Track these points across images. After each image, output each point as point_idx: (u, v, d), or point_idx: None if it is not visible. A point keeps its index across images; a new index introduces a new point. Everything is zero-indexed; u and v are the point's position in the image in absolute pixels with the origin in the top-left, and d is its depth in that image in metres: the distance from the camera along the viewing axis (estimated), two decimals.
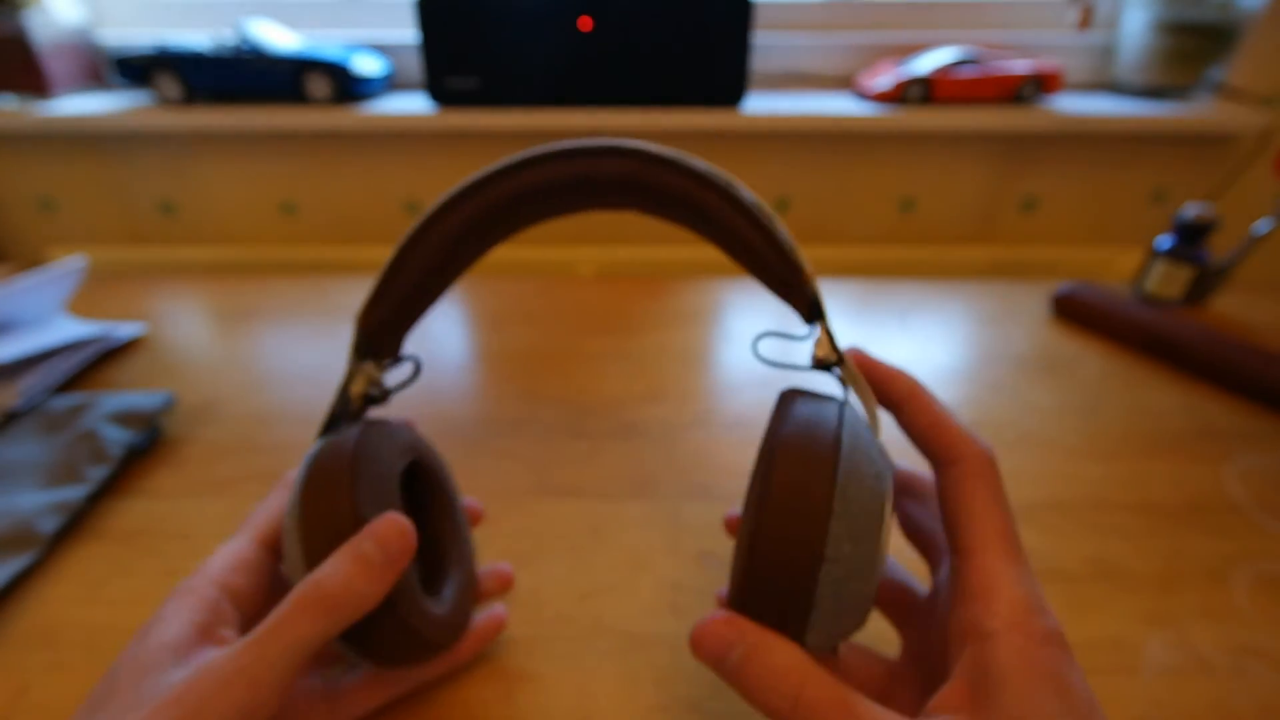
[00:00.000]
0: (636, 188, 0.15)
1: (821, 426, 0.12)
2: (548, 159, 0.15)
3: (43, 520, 0.22)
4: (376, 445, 0.15)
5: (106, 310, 0.37)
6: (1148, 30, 0.50)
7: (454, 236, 0.15)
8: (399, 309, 0.16)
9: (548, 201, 0.15)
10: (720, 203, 0.14)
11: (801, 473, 0.12)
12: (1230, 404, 0.30)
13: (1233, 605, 0.20)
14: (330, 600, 0.12)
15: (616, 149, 0.14)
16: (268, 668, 0.12)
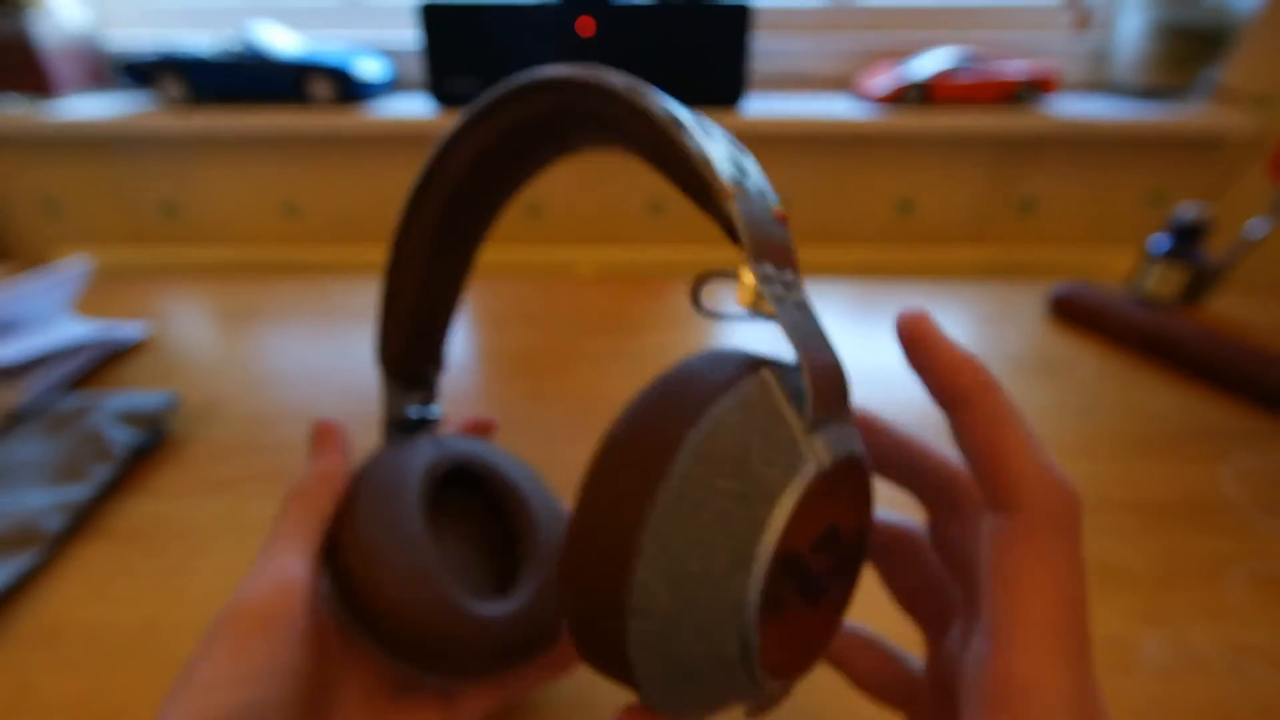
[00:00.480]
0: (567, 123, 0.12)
1: (670, 417, 0.09)
2: (468, 129, 0.13)
3: (47, 519, 0.22)
4: (383, 466, 0.14)
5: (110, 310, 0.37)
6: (1143, 32, 0.50)
7: (425, 248, 0.15)
8: (412, 334, 0.16)
9: (498, 174, 0.14)
10: (627, 114, 0.11)
11: (607, 491, 0.09)
12: (1226, 404, 0.30)
13: (1229, 604, 0.20)
14: (297, 489, 0.13)
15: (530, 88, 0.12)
16: (287, 556, 0.12)
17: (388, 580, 0.13)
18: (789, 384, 0.10)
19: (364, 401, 0.30)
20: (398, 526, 0.13)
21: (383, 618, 0.13)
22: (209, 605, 0.20)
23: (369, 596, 0.13)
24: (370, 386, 0.31)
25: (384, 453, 0.15)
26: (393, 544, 0.13)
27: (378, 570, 0.13)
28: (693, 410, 0.09)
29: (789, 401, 0.09)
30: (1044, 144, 0.54)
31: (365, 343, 0.35)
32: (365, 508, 0.13)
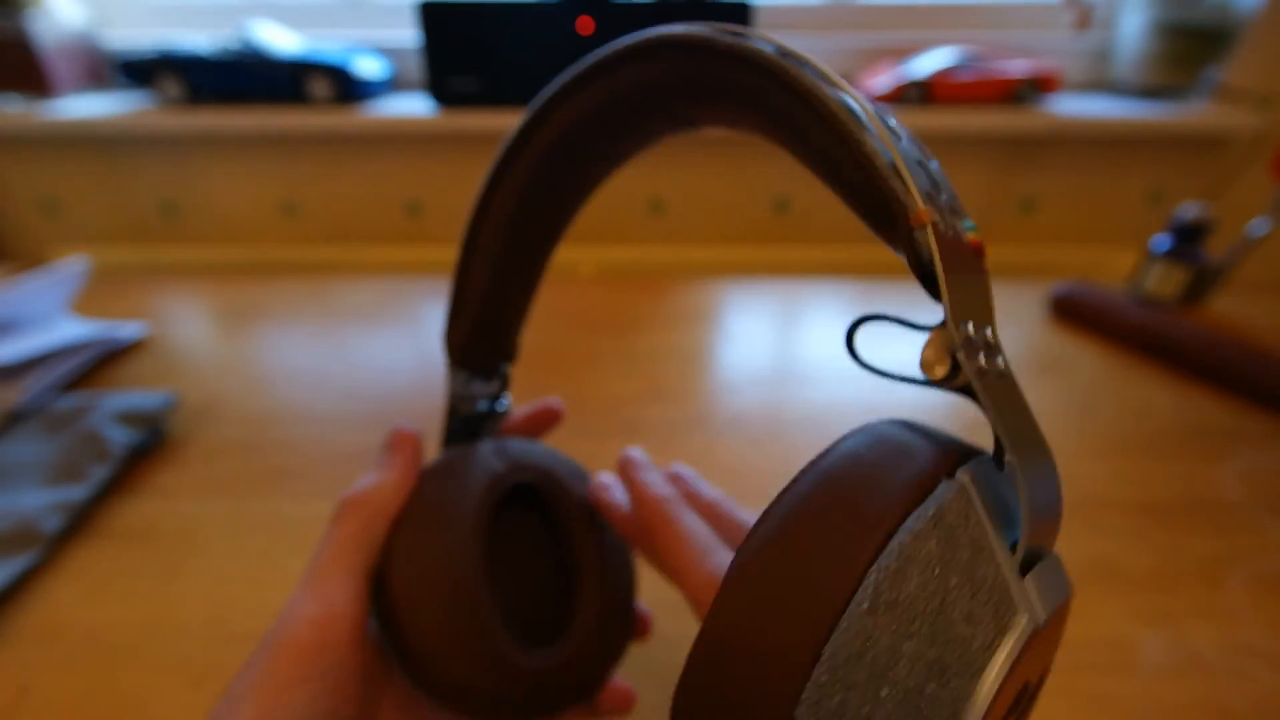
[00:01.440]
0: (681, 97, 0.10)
1: (844, 539, 0.07)
2: (565, 94, 0.11)
3: (46, 519, 0.22)
4: (441, 482, 0.13)
5: (109, 310, 0.37)
6: (1145, 31, 0.50)
7: (509, 215, 0.13)
8: (481, 316, 0.14)
9: (593, 150, 0.12)
10: (776, 93, 0.08)
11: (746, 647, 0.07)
12: (1227, 404, 0.30)
13: (1230, 605, 0.20)
14: (355, 498, 0.12)
15: (649, 47, 0.10)
16: (335, 586, 0.11)
17: (431, 623, 0.12)
18: (991, 492, 0.07)
19: (365, 402, 0.30)
20: (449, 561, 0.12)
21: (423, 660, 0.12)
22: (208, 605, 0.20)
23: (411, 636, 0.12)
24: (370, 387, 0.31)
25: (442, 464, 0.14)
26: (440, 581, 0.12)
27: (421, 610, 0.12)
28: (874, 530, 0.07)
29: (994, 523, 0.07)
30: (1045, 143, 0.54)
31: (365, 343, 0.35)
32: (416, 534, 0.12)
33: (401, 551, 0.12)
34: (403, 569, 0.12)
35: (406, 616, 0.12)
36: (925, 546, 0.07)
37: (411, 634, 0.12)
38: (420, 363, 0.33)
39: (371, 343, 0.35)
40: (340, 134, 0.54)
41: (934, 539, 0.07)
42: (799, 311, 0.39)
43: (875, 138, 0.08)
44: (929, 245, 0.07)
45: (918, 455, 0.08)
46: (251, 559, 0.22)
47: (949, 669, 0.06)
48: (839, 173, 0.09)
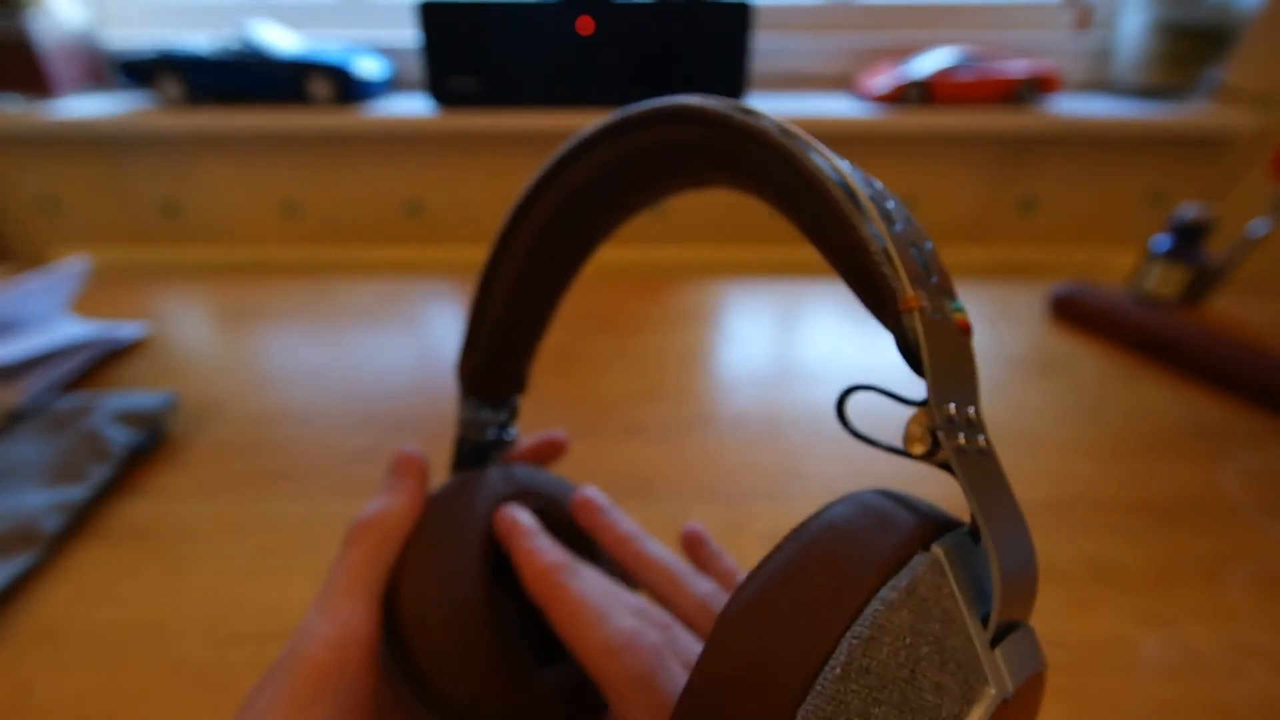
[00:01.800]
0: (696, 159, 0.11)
1: (819, 609, 0.07)
2: (596, 142, 0.12)
3: (46, 520, 0.22)
4: (449, 506, 0.14)
5: (109, 310, 0.37)
6: (1145, 31, 0.50)
7: (521, 263, 0.13)
8: (494, 347, 0.15)
9: (612, 198, 0.13)
10: (780, 169, 0.09)
11: (728, 704, 0.07)
12: (1227, 404, 0.30)
13: (1229, 604, 0.20)
14: (368, 522, 0.12)
15: (670, 113, 0.11)
16: (349, 608, 0.11)
17: (440, 642, 0.12)
18: (964, 565, 0.07)
19: (365, 402, 0.30)
20: (458, 581, 0.13)
21: (434, 680, 0.12)
22: (208, 606, 0.20)
23: (422, 656, 0.12)
24: (370, 387, 0.31)
25: (451, 488, 0.14)
26: (449, 601, 0.12)
27: (431, 630, 0.12)
28: (849, 599, 0.07)
29: (966, 595, 0.07)
30: (1045, 143, 0.54)
31: (365, 343, 0.35)
32: (426, 557, 0.13)
33: (412, 573, 0.12)
34: (413, 590, 0.12)
35: (417, 636, 0.12)
36: (898, 616, 0.07)
37: (422, 654, 0.12)
38: (420, 363, 0.33)
39: (371, 343, 0.35)
40: (340, 134, 0.54)
41: (906, 609, 0.07)
42: (799, 312, 0.39)
43: (870, 223, 0.08)
44: (915, 330, 0.08)
45: (895, 527, 0.08)
46: (251, 559, 0.22)
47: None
48: (837, 253, 0.09)
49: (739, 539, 0.23)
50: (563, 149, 0.12)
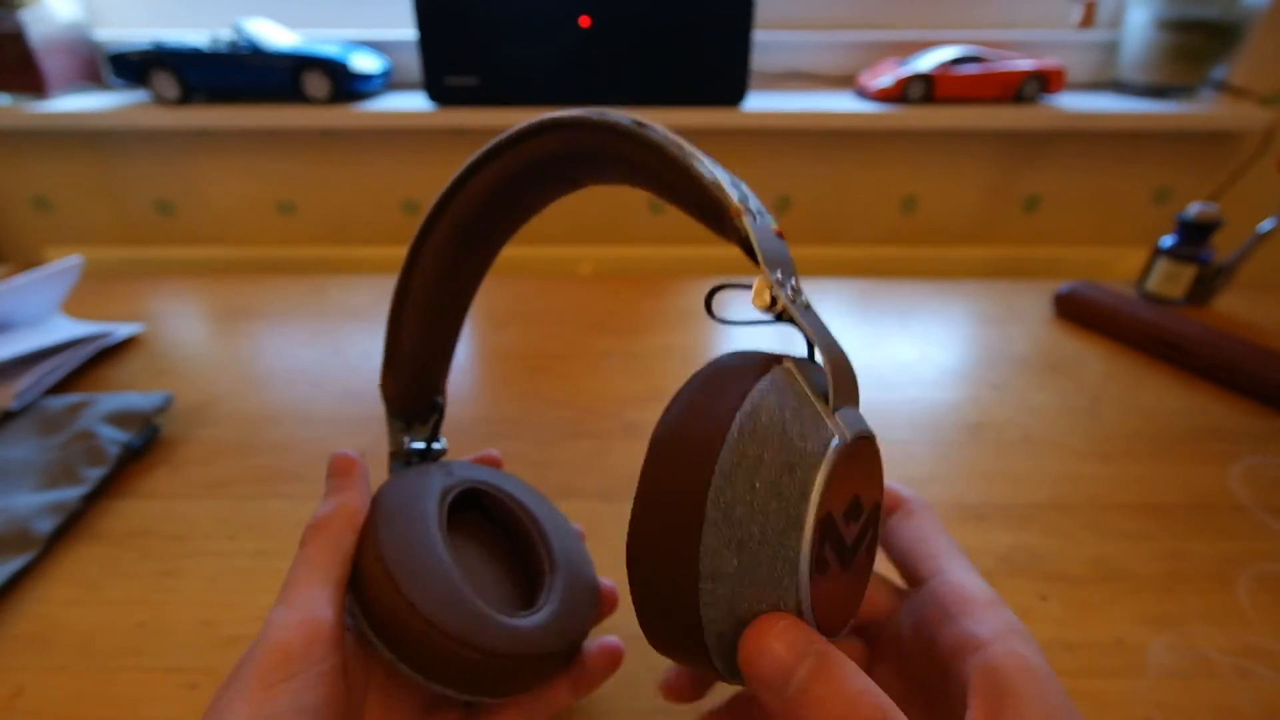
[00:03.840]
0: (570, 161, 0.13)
1: (716, 404, 0.10)
2: (477, 166, 0.14)
3: (39, 521, 0.22)
4: (398, 491, 0.15)
5: (103, 311, 0.37)
6: (1151, 28, 0.49)
7: (428, 288, 0.15)
8: (414, 371, 0.16)
9: (502, 213, 0.15)
10: (635, 149, 0.12)
11: (670, 471, 0.10)
12: (1234, 404, 0.30)
13: (1236, 607, 0.20)
14: (319, 521, 0.13)
15: (538, 127, 0.13)
16: (309, 595, 0.12)
17: (417, 599, 0.12)
18: (808, 374, 0.11)
19: (361, 402, 0.30)
20: (421, 548, 0.13)
21: (413, 639, 0.12)
22: (202, 607, 0.20)
23: (398, 619, 0.12)
24: (366, 387, 0.31)
25: (397, 480, 0.15)
26: (419, 565, 0.13)
27: (405, 591, 0.12)
28: (735, 394, 0.10)
29: (809, 383, 0.11)
30: (1050, 141, 0.54)
31: (362, 343, 0.35)
32: (386, 532, 0.13)
33: (374, 550, 0.13)
34: (378, 564, 0.13)
35: (388, 603, 0.13)
36: (768, 399, 0.10)
37: (395, 618, 0.13)
38: None
39: (368, 343, 0.35)
40: (337, 132, 0.54)
41: (773, 394, 0.10)
42: None
43: (704, 167, 0.12)
44: (744, 228, 0.11)
45: (756, 356, 0.11)
46: (246, 560, 0.22)
47: (795, 466, 0.10)
48: (681, 194, 0.12)
49: None
50: (460, 171, 0.14)
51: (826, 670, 0.09)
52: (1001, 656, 0.11)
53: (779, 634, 0.10)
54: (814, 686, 0.09)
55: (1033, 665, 0.11)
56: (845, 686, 0.09)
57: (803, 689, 0.09)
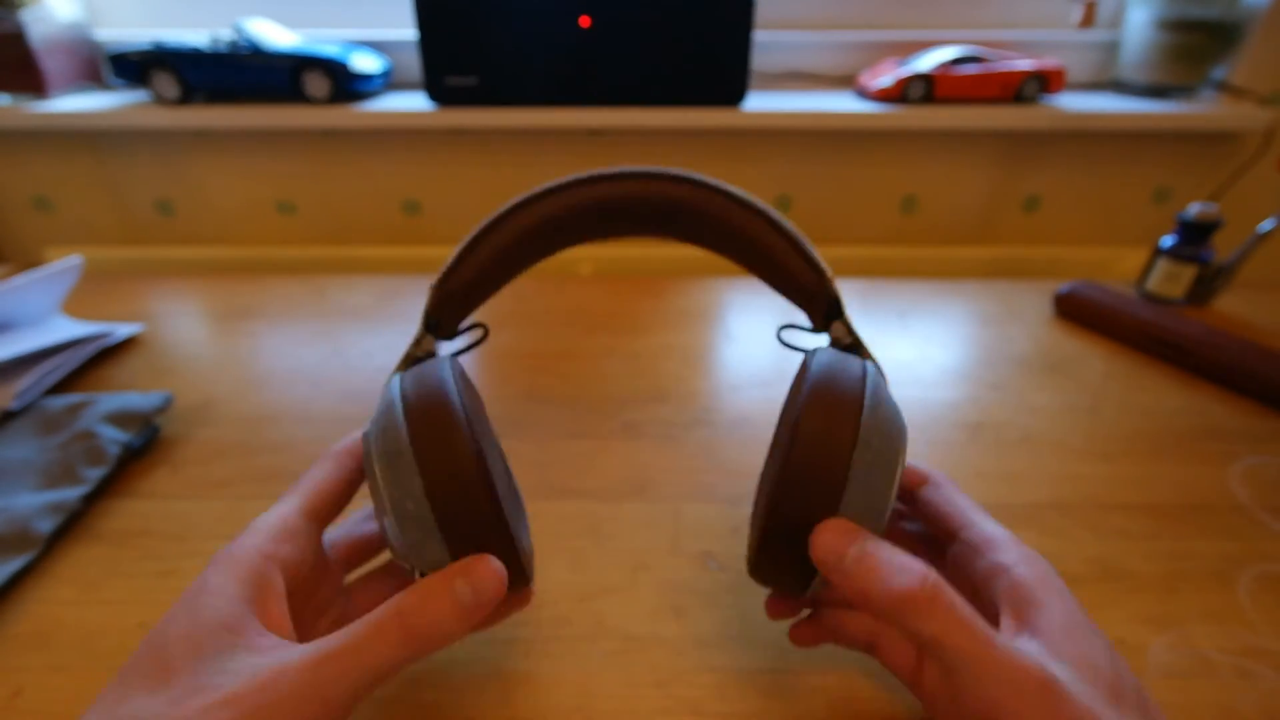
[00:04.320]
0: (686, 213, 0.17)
1: (849, 374, 0.14)
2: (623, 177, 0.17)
3: (39, 521, 0.22)
4: (465, 379, 0.15)
5: (103, 312, 0.37)
6: (1151, 28, 0.49)
7: (526, 230, 0.17)
8: (468, 286, 0.17)
9: (608, 220, 0.17)
10: (766, 230, 0.17)
11: (828, 414, 0.13)
12: (1235, 404, 0.30)
13: (1237, 607, 0.20)
14: (414, 633, 0.12)
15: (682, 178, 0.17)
16: (340, 686, 0.11)
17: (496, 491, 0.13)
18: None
19: (361, 402, 0.30)
20: (493, 447, 0.15)
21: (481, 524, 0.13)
22: None
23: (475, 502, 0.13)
24: (367, 387, 0.31)
25: (458, 370, 0.15)
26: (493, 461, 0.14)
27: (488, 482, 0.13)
28: (861, 370, 0.14)
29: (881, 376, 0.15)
30: (1050, 141, 0.54)
31: (362, 343, 0.35)
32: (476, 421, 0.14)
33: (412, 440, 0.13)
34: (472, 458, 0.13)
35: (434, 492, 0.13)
36: (882, 389, 0.14)
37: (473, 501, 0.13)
38: None
39: (368, 343, 0.35)
40: (337, 131, 0.54)
41: (881, 382, 0.15)
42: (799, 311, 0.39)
43: (809, 246, 0.17)
44: (835, 289, 0.17)
45: (854, 362, 0.15)
46: None
47: (898, 438, 0.14)
48: (767, 256, 0.18)
49: (739, 539, 0.22)
50: (599, 171, 0.17)
51: (875, 547, 0.13)
52: (1022, 574, 0.14)
53: (837, 526, 0.13)
54: (865, 558, 0.13)
55: (1048, 578, 0.14)
56: (889, 556, 0.13)
57: (857, 560, 0.13)
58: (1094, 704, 0.12)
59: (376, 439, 0.13)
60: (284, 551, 0.14)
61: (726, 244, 0.18)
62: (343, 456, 0.16)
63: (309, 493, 0.15)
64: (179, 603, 0.13)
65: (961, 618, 0.12)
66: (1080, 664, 0.12)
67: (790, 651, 0.18)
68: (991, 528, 0.15)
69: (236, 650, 0.12)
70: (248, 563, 0.13)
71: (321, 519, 0.15)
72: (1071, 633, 0.13)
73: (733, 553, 0.22)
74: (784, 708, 0.17)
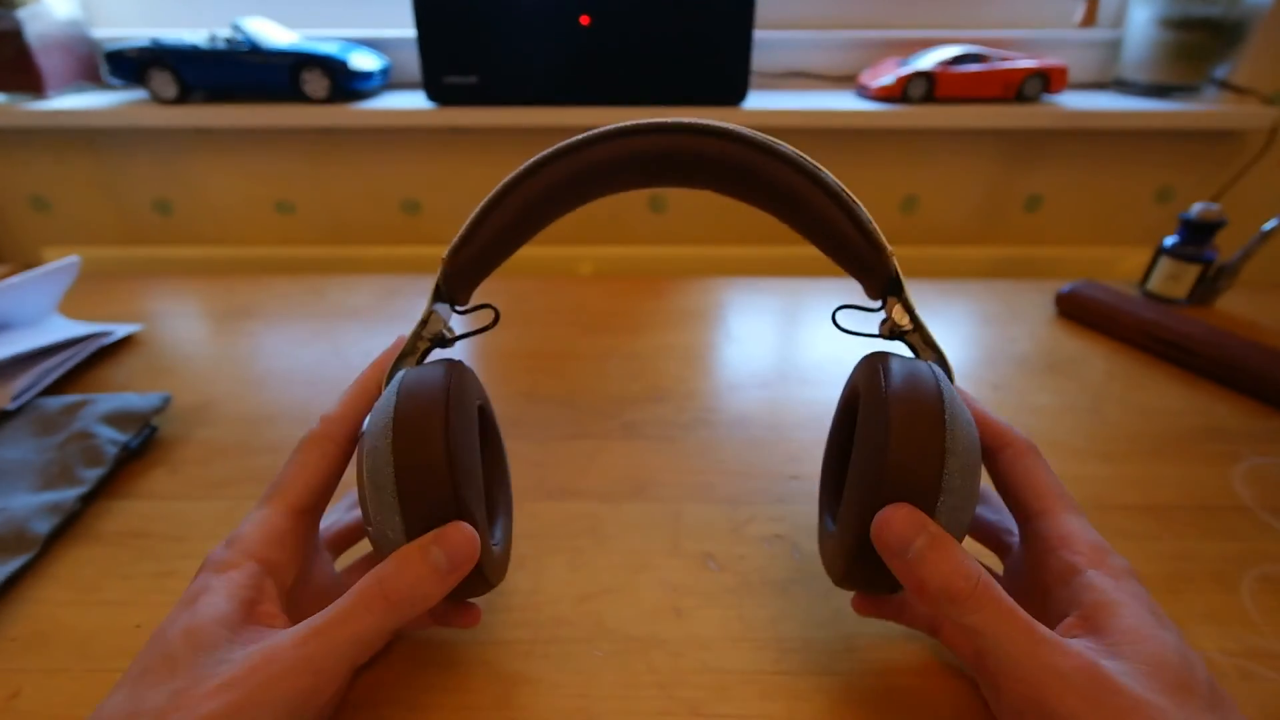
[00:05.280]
0: (723, 167, 0.16)
1: (924, 378, 0.14)
2: (639, 131, 0.16)
3: (36, 522, 0.21)
4: (462, 388, 0.15)
5: (101, 312, 0.37)
6: (1153, 26, 0.49)
7: (540, 193, 0.16)
8: (481, 254, 0.17)
9: (629, 173, 0.16)
10: (809, 187, 0.16)
11: (919, 424, 0.13)
12: (1237, 404, 0.30)
13: (1240, 608, 0.20)
14: (394, 598, 0.13)
15: (712, 129, 0.15)
16: (330, 657, 0.12)
17: (465, 494, 0.13)
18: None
19: None
20: (470, 452, 0.14)
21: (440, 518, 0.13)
22: None
23: (440, 500, 0.13)
24: None
25: (457, 376, 0.15)
26: (469, 464, 0.14)
27: (459, 486, 0.13)
28: (931, 373, 0.15)
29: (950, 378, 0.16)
30: (1051, 140, 0.54)
31: (361, 343, 0.35)
32: (456, 432, 0.14)
33: (392, 449, 0.14)
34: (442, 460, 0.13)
35: (405, 503, 0.13)
36: (955, 397, 0.15)
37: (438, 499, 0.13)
38: None
39: (368, 343, 0.35)
40: (336, 130, 0.54)
41: (956, 394, 0.15)
42: (801, 311, 0.39)
43: (863, 211, 0.16)
44: (895, 265, 0.16)
45: (924, 368, 0.15)
46: None
47: (974, 437, 0.14)
48: (839, 236, 0.16)
49: (739, 540, 0.22)
50: (622, 126, 0.16)
51: (937, 543, 0.13)
52: (1094, 581, 0.13)
53: (904, 514, 0.13)
54: (927, 553, 0.13)
55: (1123, 584, 0.13)
56: (951, 553, 0.13)
57: (920, 554, 0.13)
58: (1151, 695, 0.11)
59: (366, 459, 0.14)
60: (274, 555, 0.14)
61: (774, 204, 0.16)
62: (324, 443, 0.16)
63: (294, 488, 0.15)
64: (178, 606, 0.13)
65: (1007, 608, 0.12)
66: (1141, 659, 0.12)
67: (790, 653, 0.18)
68: (1069, 522, 0.15)
69: (234, 644, 0.12)
70: (240, 566, 0.14)
71: (312, 512, 0.15)
72: (1137, 633, 0.12)
73: (733, 553, 0.22)
74: (784, 709, 0.17)
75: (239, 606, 0.13)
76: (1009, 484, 0.16)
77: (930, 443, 0.13)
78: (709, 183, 0.16)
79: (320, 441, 0.16)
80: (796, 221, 0.16)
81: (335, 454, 0.16)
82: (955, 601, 0.12)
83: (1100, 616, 0.13)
